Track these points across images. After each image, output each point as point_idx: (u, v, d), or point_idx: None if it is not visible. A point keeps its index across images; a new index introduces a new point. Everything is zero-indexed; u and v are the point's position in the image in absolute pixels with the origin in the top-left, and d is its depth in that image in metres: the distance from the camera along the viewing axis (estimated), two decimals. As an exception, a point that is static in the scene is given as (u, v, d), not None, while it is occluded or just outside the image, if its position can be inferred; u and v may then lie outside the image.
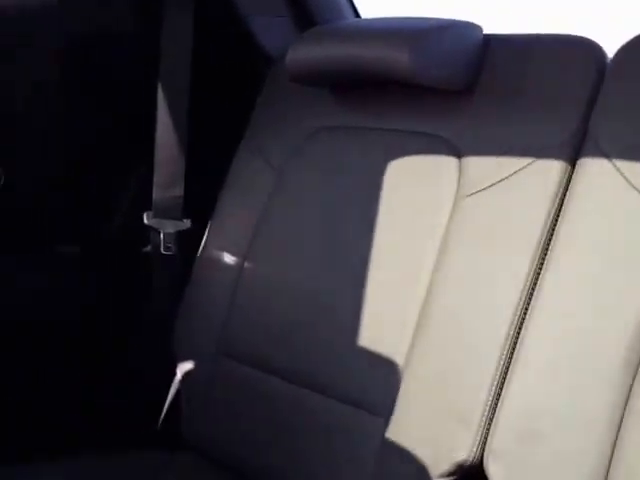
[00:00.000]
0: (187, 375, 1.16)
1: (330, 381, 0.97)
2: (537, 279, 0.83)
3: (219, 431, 1.09)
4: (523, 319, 0.83)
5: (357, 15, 1.36)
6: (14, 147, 1.14)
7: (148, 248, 1.24)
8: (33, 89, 1.16)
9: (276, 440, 1.02)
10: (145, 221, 1.20)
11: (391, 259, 0.96)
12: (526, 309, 0.83)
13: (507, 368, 0.83)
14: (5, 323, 1.16)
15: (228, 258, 1.15)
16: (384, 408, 0.91)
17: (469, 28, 1.01)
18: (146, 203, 1.21)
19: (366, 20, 1.31)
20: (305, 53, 1.09)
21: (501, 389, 0.83)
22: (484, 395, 0.83)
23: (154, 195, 1.19)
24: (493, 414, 0.82)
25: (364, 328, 0.96)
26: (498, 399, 0.83)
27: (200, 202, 1.18)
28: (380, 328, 0.95)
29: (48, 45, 1.12)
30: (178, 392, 1.18)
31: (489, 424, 0.82)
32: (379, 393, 0.92)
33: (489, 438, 0.82)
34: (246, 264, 1.13)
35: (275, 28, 1.29)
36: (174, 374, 1.18)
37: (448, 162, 0.94)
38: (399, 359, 0.90)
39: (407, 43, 0.95)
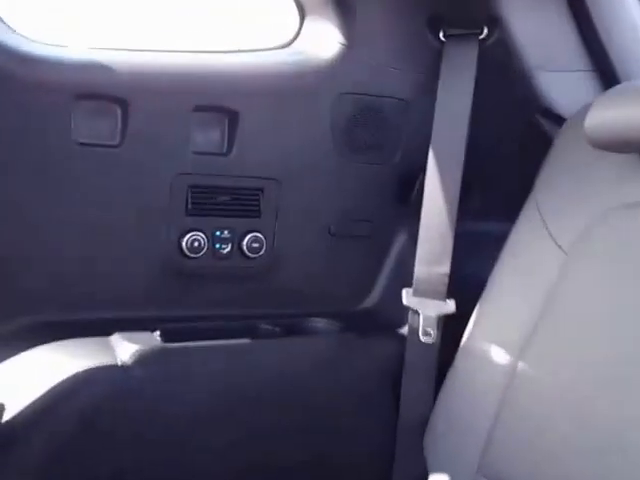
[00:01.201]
0: (439, 492, 0.98)
1: None
2: None
3: None
4: None
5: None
6: (281, 215, 1.11)
7: (404, 330, 1.12)
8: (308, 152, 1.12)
9: None
10: (404, 300, 1.08)
11: None
12: None
13: None
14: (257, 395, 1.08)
15: (498, 354, 0.97)
16: None
17: None
18: (406, 278, 1.10)
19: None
20: (610, 114, 0.90)
21: None
22: None
23: (416, 270, 1.08)
24: None
25: None
26: None
27: (467, 281, 1.05)
28: None
29: (319, 104, 1.10)
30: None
31: None
32: None
33: None
34: (520, 365, 0.94)
35: (568, 83, 1.13)
36: (425, 484, 1.02)
37: None
38: None
39: None
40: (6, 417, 0.91)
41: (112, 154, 1.00)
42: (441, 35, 1.07)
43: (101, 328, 1.01)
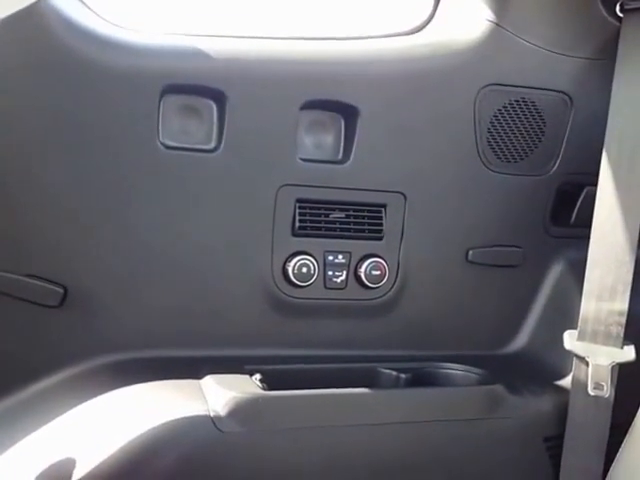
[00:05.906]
0: None
1: None
2: None
3: None
4: None
5: None
6: (407, 237, 1.03)
7: (564, 382, 1.01)
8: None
9: None
10: (566, 345, 0.97)
11: None
12: None
13: None
14: None
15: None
16: None
17: None
18: (564, 317, 1.03)
19: None
20: None
21: None
22: None
23: (582, 308, 0.97)
24: None
25: None
26: None
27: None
28: None
29: (460, 98, 1.01)
30: None
31: None
32: None
33: None
34: None
35: None
36: None
37: None
38: None
39: None
40: (80, 472, 0.81)
41: (206, 160, 0.92)
42: (617, 9, 0.96)
43: (191, 367, 0.93)
